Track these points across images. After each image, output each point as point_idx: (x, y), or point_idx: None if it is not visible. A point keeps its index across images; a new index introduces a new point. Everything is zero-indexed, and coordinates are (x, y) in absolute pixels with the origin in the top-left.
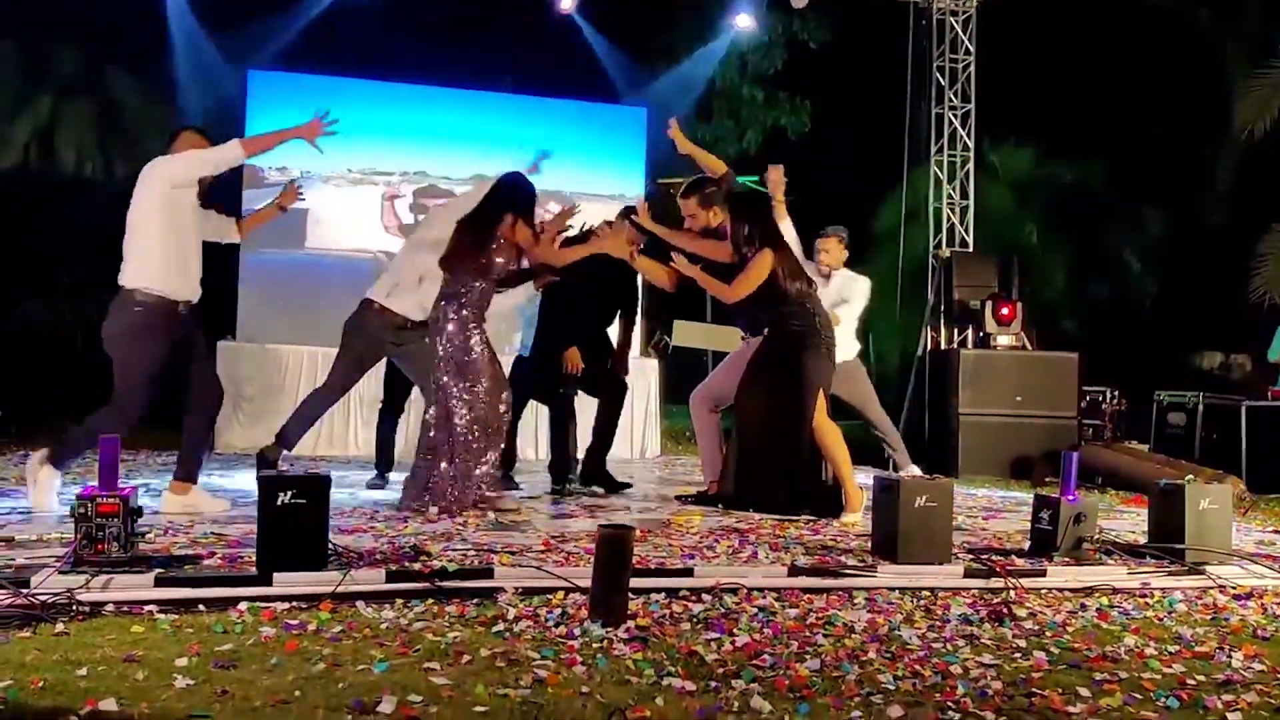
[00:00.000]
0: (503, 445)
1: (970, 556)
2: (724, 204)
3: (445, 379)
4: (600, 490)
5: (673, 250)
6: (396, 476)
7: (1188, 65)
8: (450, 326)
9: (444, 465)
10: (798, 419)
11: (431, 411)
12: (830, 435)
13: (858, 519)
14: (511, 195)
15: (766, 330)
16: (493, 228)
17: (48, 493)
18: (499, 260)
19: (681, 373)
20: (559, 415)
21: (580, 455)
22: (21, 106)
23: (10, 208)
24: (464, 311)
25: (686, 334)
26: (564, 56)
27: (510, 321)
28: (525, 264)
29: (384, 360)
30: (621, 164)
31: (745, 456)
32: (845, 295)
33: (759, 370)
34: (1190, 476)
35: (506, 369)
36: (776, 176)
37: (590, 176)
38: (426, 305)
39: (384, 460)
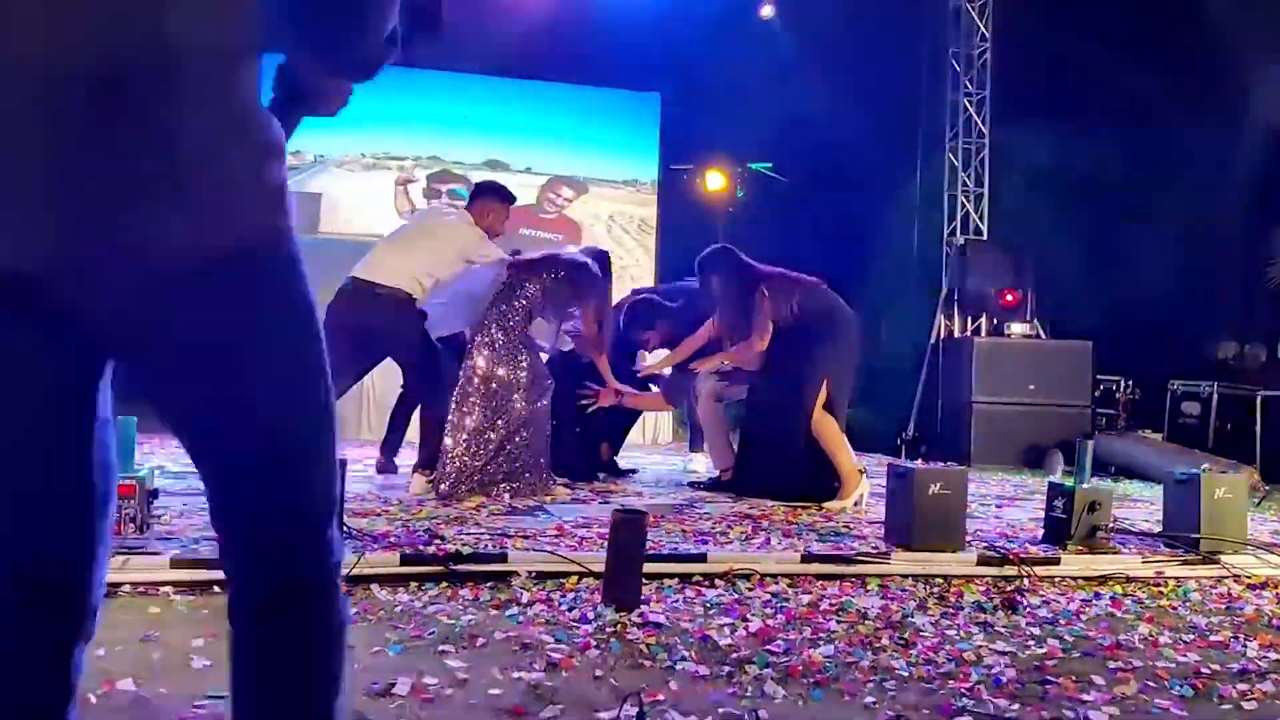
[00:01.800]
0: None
1: (984, 544)
2: (666, 316)
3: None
4: (602, 476)
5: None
6: (404, 462)
7: (1207, 52)
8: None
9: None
10: (798, 406)
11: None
12: (821, 423)
13: (844, 505)
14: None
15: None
16: (574, 282)
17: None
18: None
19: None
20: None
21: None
22: None
23: None
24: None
25: None
26: (578, 42)
27: None
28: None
29: None
30: (635, 149)
31: (748, 442)
32: None
33: (773, 357)
34: (1206, 466)
35: None
36: None
37: (604, 162)
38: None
39: (392, 443)
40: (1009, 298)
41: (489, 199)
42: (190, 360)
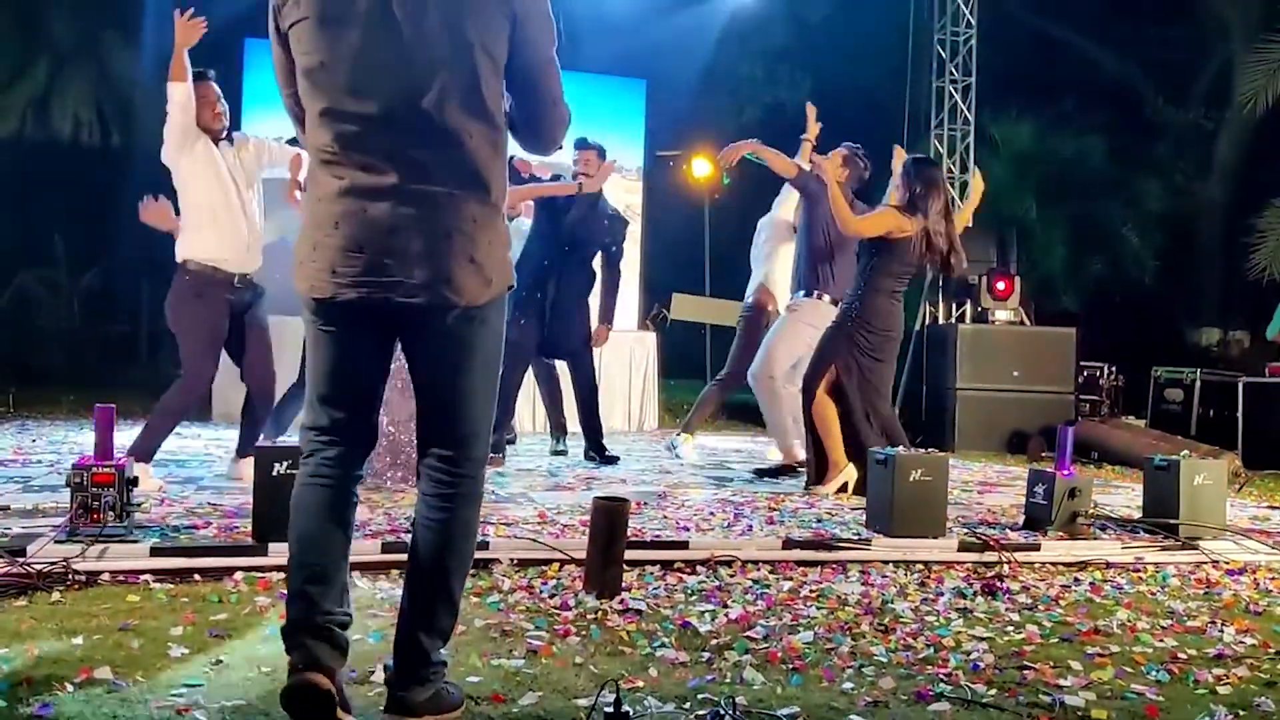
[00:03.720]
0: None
1: (964, 530)
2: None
3: None
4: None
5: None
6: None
7: (1190, 38)
8: None
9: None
10: (808, 390)
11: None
12: (820, 407)
13: (827, 491)
14: None
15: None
16: None
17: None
18: None
19: (679, 346)
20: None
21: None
22: (18, 74)
23: (6, 176)
24: None
25: (684, 307)
26: (564, 26)
27: None
28: None
29: None
30: (621, 136)
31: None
32: None
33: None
34: (1185, 452)
35: None
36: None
37: None
38: None
39: None
40: (1001, 286)
41: None
42: (447, 352)
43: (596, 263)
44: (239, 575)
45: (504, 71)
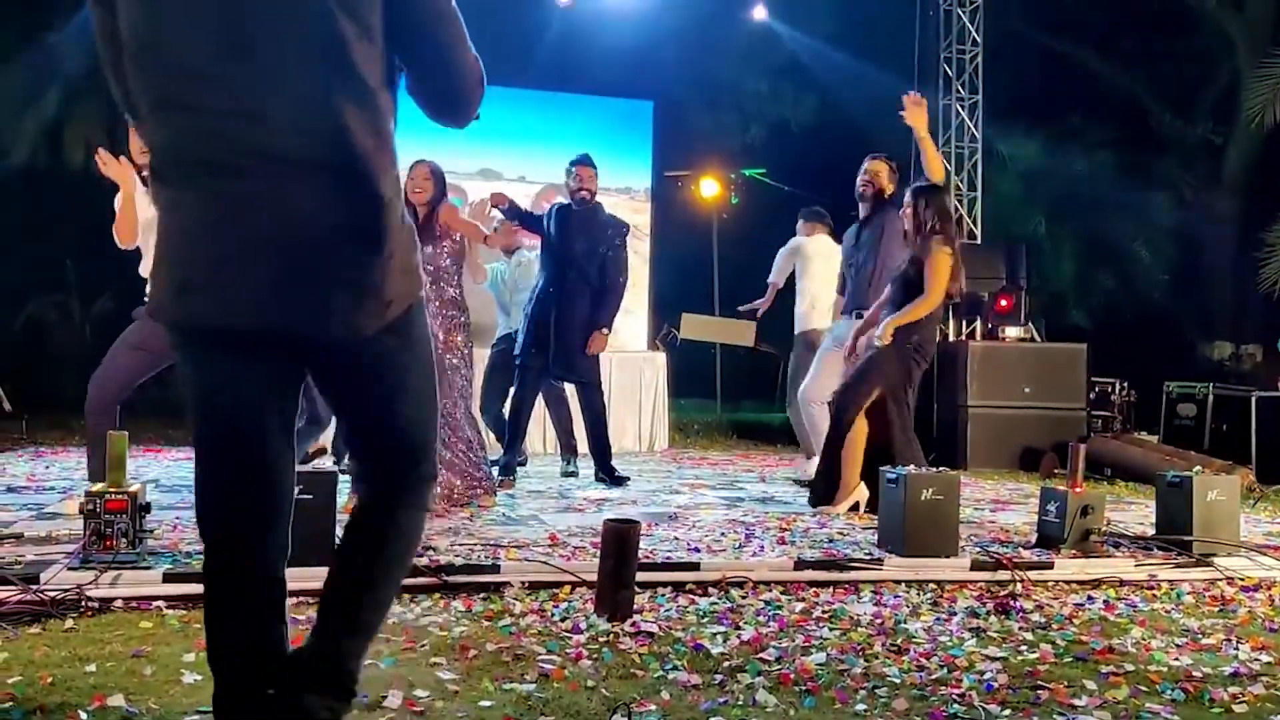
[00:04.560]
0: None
1: (977, 549)
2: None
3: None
4: (605, 480)
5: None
6: None
7: (1196, 53)
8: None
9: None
10: (845, 410)
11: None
12: (857, 430)
13: (838, 511)
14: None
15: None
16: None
17: None
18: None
19: (689, 365)
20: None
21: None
22: (29, 102)
23: (19, 204)
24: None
25: (694, 327)
26: (571, 50)
27: (488, 308)
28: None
29: None
30: (628, 157)
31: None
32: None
33: None
34: (1199, 468)
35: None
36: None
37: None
38: None
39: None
40: (1004, 303)
41: None
42: (356, 386)
43: None
44: None
45: (385, 32)
